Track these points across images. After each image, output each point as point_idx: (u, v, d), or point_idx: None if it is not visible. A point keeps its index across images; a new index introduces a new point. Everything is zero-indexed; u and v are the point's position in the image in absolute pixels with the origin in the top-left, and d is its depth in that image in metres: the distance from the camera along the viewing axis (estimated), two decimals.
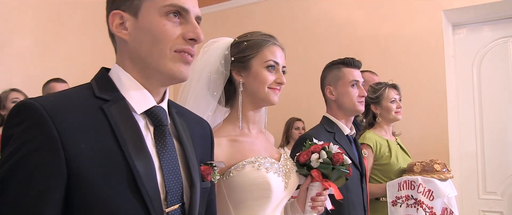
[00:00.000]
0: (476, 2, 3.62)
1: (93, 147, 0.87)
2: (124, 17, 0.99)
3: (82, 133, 0.87)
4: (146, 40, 0.98)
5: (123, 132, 0.92)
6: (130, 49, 1.01)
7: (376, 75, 3.29)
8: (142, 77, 1.01)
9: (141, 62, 1.00)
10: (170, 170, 0.98)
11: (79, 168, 0.85)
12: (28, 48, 3.75)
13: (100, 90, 0.97)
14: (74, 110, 0.90)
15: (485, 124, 3.82)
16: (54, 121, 0.84)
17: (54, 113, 0.85)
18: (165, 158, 0.98)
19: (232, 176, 1.44)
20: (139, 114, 0.99)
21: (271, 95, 1.55)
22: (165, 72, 0.99)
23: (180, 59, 0.99)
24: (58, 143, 0.83)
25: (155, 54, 0.98)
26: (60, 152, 0.83)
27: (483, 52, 3.87)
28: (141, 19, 0.98)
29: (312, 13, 4.45)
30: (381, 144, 2.67)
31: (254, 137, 1.60)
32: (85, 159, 0.86)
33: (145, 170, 0.91)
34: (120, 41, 1.03)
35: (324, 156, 1.63)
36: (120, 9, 0.99)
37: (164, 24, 0.97)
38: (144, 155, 0.93)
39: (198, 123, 1.23)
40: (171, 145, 1.01)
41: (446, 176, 2.47)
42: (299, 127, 4.32)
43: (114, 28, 1.00)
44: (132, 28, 0.99)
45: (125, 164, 0.89)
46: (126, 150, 0.90)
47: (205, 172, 1.11)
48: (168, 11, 0.98)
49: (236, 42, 1.61)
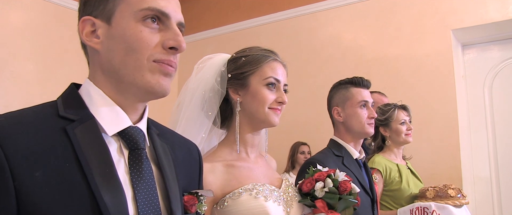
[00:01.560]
0: (485, 21, 3.56)
1: (51, 175, 0.75)
2: (96, 24, 0.88)
3: (38, 159, 0.75)
4: (120, 49, 0.86)
5: (89, 157, 0.79)
6: (102, 60, 0.89)
7: (385, 97, 3.22)
8: (117, 93, 0.89)
9: (115, 75, 0.88)
10: (146, 202, 0.85)
11: (33, 202, 0.72)
12: (29, 72, 3.74)
13: (65, 108, 0.85)
14: (30, 132, 0.77)
15: (499, 146, 3.70)
16: (2, 145, 0.72)
17: (2, 136, 0.73)
18: (141, 187, 0.86)
19: (227, 205, 1.32)
20: (111, 135, 0.87)
21: (271, 116, 1.43)
22: (142, 86, 0.87)
23: (159, 70, 0.87)
24: (6, 171, 0.71)
25: (130, 65, 0.86)
26: (8, 182, 0.71)
27: (494, 73, 3.78)
28: (115, 26, 0.87)
29: (319, 35, 4.40)
30: (391, 169, 2.57)
31: (252, 162, 1.48)
32: (40, 190, 0.73)
33: (114, 203, 0.78)
34: (91, 52, 0.92)
35: (330, 184, 1.48)
36: (92, 15, 0.89)
37: (140, 31, 0.86)
38: (113, 185, 0.80)
39: (184, 145, 1.11)
40: (148, 171, 0.88)
41: (461, 202, 2.36)
42: (305, 151, 4.23)
43: (84, 36, 0.89)
44: (105, 36, 0.88)
45: (90, 196, 0.76)
46: (92, 179, 0.77)
47: (189, 203, 0.99)
48: (145, 15, 0.86)
49: (234, 58, 1.51)
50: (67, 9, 4.02)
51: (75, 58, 3.98)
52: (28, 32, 3.75)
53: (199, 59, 1.54)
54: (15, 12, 3.70)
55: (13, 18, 3.69)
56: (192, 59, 0.87)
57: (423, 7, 3.83)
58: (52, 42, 3.92)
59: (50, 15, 3.94)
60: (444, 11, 3.73)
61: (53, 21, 3.95)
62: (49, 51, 3.89)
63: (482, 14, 3.57)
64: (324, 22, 4.37)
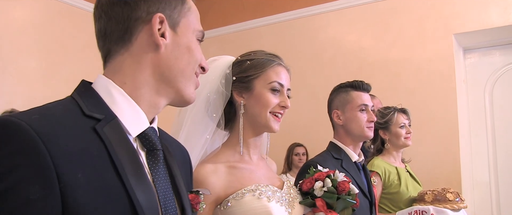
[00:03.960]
0: (487, 26, 3.57)
1: (90, 177, 0.73)
2: (163, 25, 0.90)
3: (78, 159, 0.72)
4: (184, 58, 0.93)
5: (122, 158, 0.79)
6: (160, 60, 0.90)
7: (376, 98, 3.19)
8: (155, 93, 0.92)
9: (168, 78, 0.92)
10: (165, 200, 0.87)
11: (76, 203, 0.70)
12: (31, 69, 3.74)
13: (88, 107, 0.82)
14: (67, 131, 0.74)
15: (499, 151, 3.71)
16: (46, 144, 0.68)
17: (44, 134, 0.69)
18: (160, 187, 0.87)
19: (231, 206, 1.33)
20: (134, 136, 0.87)
21: (271, 122, 1.44)
22: (186, 94, 0.95)
23: (194, 82, 0.97)
24: (53, 173, 0.68)
25: (186, 73, 0.94)
26: (54, 185, 0.68)
27: (495, 77, 3.79)
28: (181, 35, 0.93)
29: (320, 37, 4.40)
30: (390, 172, 2.57)
31: (254, 164, 1.49)
32: (82, 192, 0.71)
33: (148, 203, 0.80)
34: (146, 47, 0.90)
35: (329, 184, 1.51)
36: (165, 15, 0.90)
37: (196, 45, 0.97)
38: (145, 185, 0.81)
39: (178, 147, 1.12)
40: (163, 171, 0.91)
41: (460, 206, 2.36)
42: (299, 152, 4.25)
43: (155, 30, 0.88)
44: (171, 40, 0.91)
45: (126, 196, 0.77)
46: (126, 180, 0.77)
47: (194, 201, 1.02)
48: (199, 34, 0.98)
49: (239, 61, 1.51)
50: (70, 7, 4.03)
51: (78, 56, 4.00)
52: (31, 29, 3.76)
53: None
54: (18, 9, 3.71)
55: (17, 15, 3.69)
56: None
57: (425, 11, 3.83)
58: (56, 39, 3.92)
59: (54, 13, 3.94)
60: (446, 15, 3.73)
61: (56, 18, 3.95)
62: (52, 48, 3.89)
63: (484, 19, 3.57)
64: (326, 24, 4.37)
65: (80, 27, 4.00)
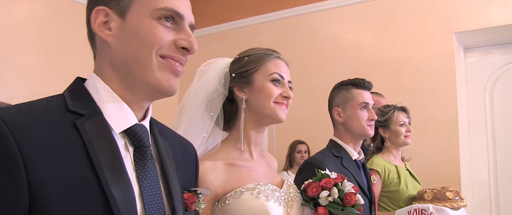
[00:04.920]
0: (488, 25, 3.56)
1: (62, 170, 0.74)
2: (110, 16, 0.87)
3: (50, 153, 0.74)
4: (133, 44, 0.86)
5: (99, 153, 0.79)
6: (113, 54, 0.88)
7: (383, 98, 3.20)
8: (125, 89, 0.89)
9: (125, 70, 0.88)
10: (151, 198, 0.86)
11: (44, 196, 0.71)
12: (31, 65, 3.73)
13: (73, 102, 0.84)
14: (42, 125, 0.76)
15: (498, 149, 3.71)
16: (16, 137, 0.71)
17: (16, 128, 0.72)
18: (146, 184, 0.86)
19: (228, 203, 1.32)
20: (118, 133, 0.86)
21: (277, 110, 1.42)
22: (151, 83, 0.87)
23: (168, 68, 0.88)
24: (20, 165, 0.70)
25: (141, 60, 0.86)
26: (21, 176, 0.70)
27: (495, 76, 3.78)
28: (129, 21, 0.87)
29: (320, 35, 4.39)
30: (390, 170, 2.57)
31: (254, 162, 1.48)
32: (52, 184, 0.72)
33: (123, 198, 0.79)
34: (101, 44, 0.91)
35: (335, 195, 1.47)
36: (107, 6, 0.87)
37: (155, 26, 0.87)
38: (122, 181, 0.80)
39: (182, 144, 1.11)
40: (152, 169, 0.89)
41: (459, 205, 2.36)
42: (301, 150, 4.27)
43: (96, 26, 0.88)
44: (118, 30, 0.87)
45: (100, 191, 0.76)
46: (102, 175, 0.77)
47: (189, 200, 1.00)
48: (161, 15, 0.87)
49: (237, 58, 1.52)
50: (70, 2, 4.01)
51: (77, 52, 3.98)
52: (31, 25, 3.75)
53: (201, 54, 1.54)
54: (18, 5, 3.70)
55: (16, 11, 3.68)
56: (194, 55, 0.87)
57: (425, 9, 3.82)
58: (55, 35, 3.91)
59: (53, 8, 3.93)
60: (446, 14, 3.72)
61: (56, 14, 3.94)
62: (52, 44, 3.88)
63: (484, 18, 3.57)
64: (326, 22, 4.36)
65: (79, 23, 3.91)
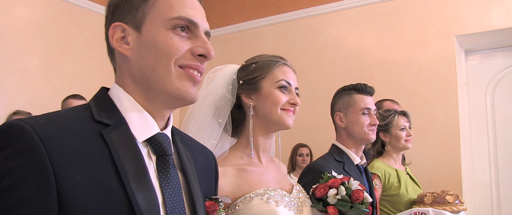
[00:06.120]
0: (489, 28, 3.57)
1: (90, 179, 0.76)
2: (126, 31, 0.90)
3: (78, 162, 0.76)
4: (150, 56, 0.88)
5: (125, 162, 0.81)
6: (132, 66, 0.90)
7: (398, 105, 3.18)
8: (146, 99, 0.91)
9: (144, 81, 0.90)
10: (174, 206, 0.87)
11: (73, 203, 0.73)
12: (33, 68, 3.76)
13: (99, 112, 0.86)
14: (70, 134, 0.79)
15: (500, 153, 3.71)
16: (47, 147, 0.73)
17: (47, 138, 0.74)
18: (169, 192, 0.88)
19: (239, 209, 1.33)
20: (141, 142, 0.88)
21: (284, 117, 1.44)
22: (171, 92, 0.89)
23: (187, 77, 0.90)
24: (50, 173, 0.72)
25: (160, 71, 0.88)
26: (51, 184, 0.72)
27: (496, 79, 3.79)
28: (145, 33, 0.89)
29: (322, 37, 4.40)
30: (390, 174, 2.57)
31: (263, 167, 1.49)
32: (80, 192, 0.74)
33: (148, 206, 0.80)
34: (120, 58, 0.93)
35: (343, 192, 1.49)
36: (122, 22, 0.90)
37: (171, 37, 0.88)
38: (147, 189, 0.82)
39: (202, 151, 1.12)
40: (175, 177, 0.90)
41: (459, 208, 2.36)
42: (303, 153, 4.28)
43: (114, 42, 0.90)
44: (135, 43, 0.89)
45: (125, 199, 0.78)
46: (127, 183, 0.79)
47: (210, 208, 1.02)
48: (176, 24, 0.89)
49: (244, 65, 1.53)
50: (72, 5, 4.03)
51: (79, 54, 4.01)
52: (33, 27, 3.77)
53: None
54: (20, 7, 3.72)
55: (19, 13, 3.71)
56: None
57: (427, 13, 3.83)
58: (57, 37, 3.94)
59: (56, 11, 3.95)
60: (448, 17, 3.73)
61: (58, 17, 3.96)
62: (54, 46, 3.90)
63: (485, 21, 3.57)
64: (328, 25, 4.37)
65: (81, 26, 4.02)
